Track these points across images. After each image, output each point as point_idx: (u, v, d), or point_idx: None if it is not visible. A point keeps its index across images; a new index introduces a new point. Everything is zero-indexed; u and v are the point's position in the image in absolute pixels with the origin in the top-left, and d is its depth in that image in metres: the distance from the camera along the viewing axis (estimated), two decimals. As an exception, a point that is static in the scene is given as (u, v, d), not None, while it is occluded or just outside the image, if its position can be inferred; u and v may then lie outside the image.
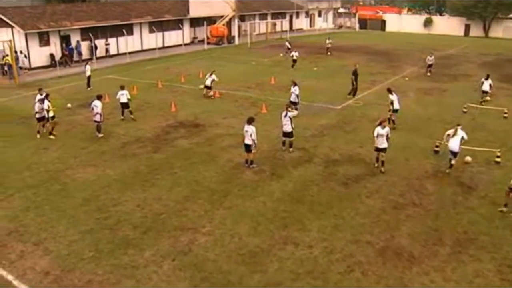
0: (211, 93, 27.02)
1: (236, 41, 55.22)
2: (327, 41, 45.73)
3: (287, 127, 17.74)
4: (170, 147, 18.81)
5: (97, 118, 19.86)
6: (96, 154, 18.10)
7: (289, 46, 41.20)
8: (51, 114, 19.74)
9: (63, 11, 40.63)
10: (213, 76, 27.02)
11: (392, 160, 17.21)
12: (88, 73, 29.19)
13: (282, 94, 27.62)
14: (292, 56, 37.54)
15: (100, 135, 20.02)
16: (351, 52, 47.34)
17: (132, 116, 22.34)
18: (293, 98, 22.98)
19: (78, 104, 25.20)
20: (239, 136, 19.21)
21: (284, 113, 17.65)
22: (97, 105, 19.68)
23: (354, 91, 27.23)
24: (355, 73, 27.22)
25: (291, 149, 17.85)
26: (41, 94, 20.01)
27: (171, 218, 13.12)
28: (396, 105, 21.06)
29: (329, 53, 44.93)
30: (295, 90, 22.92)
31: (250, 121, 16.40)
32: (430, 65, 34.67)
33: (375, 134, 16.05)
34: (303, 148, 18.69)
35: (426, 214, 13.42)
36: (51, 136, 19.73)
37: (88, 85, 29.29)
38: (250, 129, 16.19)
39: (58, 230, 12.47)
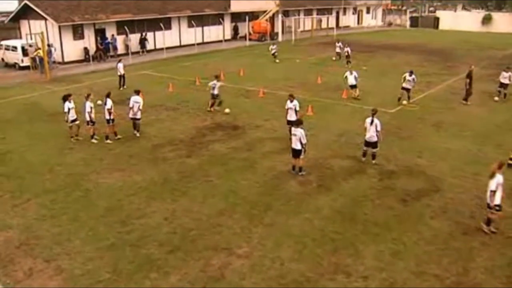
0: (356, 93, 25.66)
1: (280, 37, 54.03)
2: (271, 47, 39.62)
3: (373, 136, 16.03)
4: (205, 151, 17.70)
5: (138, 115, 19.08)
6: (123, 157, 17.14)
7: (341, 46, 39.14)
8: (107, 116, 18.45)
9: (98, 4, 40.21)
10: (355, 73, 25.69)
11: (457, 173, 15.43)
12: (121, 71, 27.87)
13: (329, 95, 26.27)
14: (346, 52, 36.61)
15: (138, 134, 19.30)
16: (402, 51, 45.52)
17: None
18: (408, 85, 23.55)
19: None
20: (282, 141, 18.25)
21: (369, 120, 16.01)
22: (138, 101, 18.91)
23: (467, 96, 24.94)
24: (469, 76, 24.76)
25: (374, 161, 16.15)
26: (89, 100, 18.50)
27: (202, 235, 11.82)
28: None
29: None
30: (412, 79, 23.41)
31: (298, 123, 15.24)
32: (505, 85, 25.54)
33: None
34: (354, 157, 17.14)
35: (506, 243, 11.52)
36: (108, 141, 18.60)
37: (121, 85, 27.97)
38: (298, 132, 14.94)
39: (74, 245, 11.32)
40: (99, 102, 23.40)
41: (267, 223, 12.39)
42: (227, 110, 22.46)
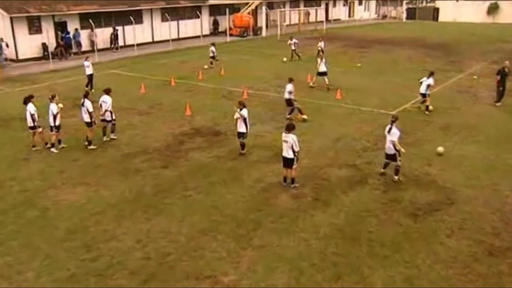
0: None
1: (264, 32, 53.95)
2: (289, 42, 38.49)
3: (390, 148, 15.36)
4: (184, 161, 17.12)
5: (107, 116, 18.83)
6: (89, 169, 16.46)
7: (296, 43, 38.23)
8: (86, 119, 18.19)
9: None
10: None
11: (473, 182, 15.00)
12: (89, 71, 27.20)
13: (322, 95, 25.83)
14: (319, 47, 35.69)
15: (115, 137, 19.26)
16: (400, 46, 45.74)
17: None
18: (423, 89, 22.73)
19: (73, 104, 23.64)
20: (271, 148, 17.88)
21: (388, 128, 15.42)
22: (106, 101, 18.76)
23: (500, 96, 24.39)
24: (502, 73, 24.05)
25: (396, 178, 15.36)
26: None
27: (182, 260, 11.14)
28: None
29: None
30: (429, 81, 22.74)
31: (290, 128, 14.70)
32: None
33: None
34: (353, 165, 16.65)
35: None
36: (53, 149, 18.09)
37: (88, 85, 27.16)
38: (290, 138, 14.46)
39: (25, 278, 10.48)
40: (60, 105, 22.86)
41: (257, 245, 11.79)
42: (304, 117, 21.75)
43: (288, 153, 14.58)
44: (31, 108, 17.76)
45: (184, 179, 15.57)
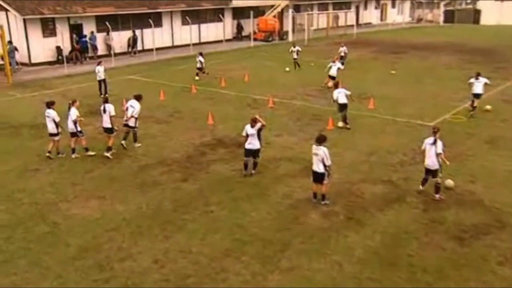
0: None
1: (290, 37, 53.92)
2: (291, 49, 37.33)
3: (433, 162, 14.96)
4: (205, 174, 17.01)
5: (131, 122, 19.18)
6: (103, 181, 16.44)
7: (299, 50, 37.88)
8: (107, 125, 18.59)
9: None
10: None
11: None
12: (101, 76, 27.59)
13: (353, 105, 25.36)
14: (340, 52, 35.93)
15: (138, 145, 19.56)
16: (438, 51, 45.49)
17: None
18: (479, 89, 22.84)
19: (87, 111, 23.87)
20: (299, 161, 17.74)
21: (430, 140, 15.09)
22: (135, 106, 19.13)
23: None
24: None
25: (437, 196, 14.96)
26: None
27: (203, 283, 10.91)
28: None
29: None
30: (482, 81, 22.84)
31: (321, 140, 14.48)
32: None
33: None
34: (389, 181, 16.30)
35: None
36: (89, 152, 18.62)
37: (101, 91, 27.60)
38: (321, 151, 14.23)
39: (35, 300, 10.32)
40: None
41: (285, 267, 11.52)
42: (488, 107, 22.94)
43: (318, 167, 14.34)
44: (54, 114, 17.98)
45: (205, 194, 15.44)
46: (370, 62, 36.75)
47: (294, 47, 36.41)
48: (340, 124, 22.02)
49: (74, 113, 18.03)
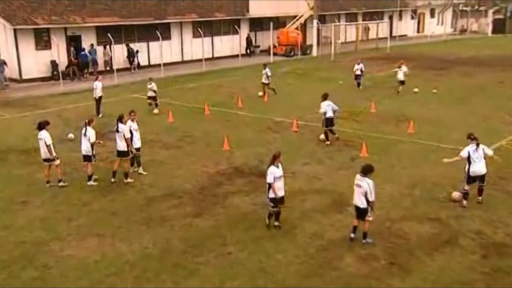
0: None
1: (314, 51, 54.40)
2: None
3: (482, 167, 16.10)
4: (221, 209, 16.87)
5: (137, 144, 19.57)
6: (103, 216, 16.37)
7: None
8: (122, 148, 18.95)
9: (72, 2, 40.48)
10: None
11: None
12: (98, 93, 28.13)
13: (390, 129, 25.35)
14: (355, 70, 36.11)
15: (145, 173, 19.84)
16: (486, 66, 45.84)
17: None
18: None
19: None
20: (328, 194, 17.62)
21: (471, 148, 16.31)
22: (135, 128, 19.44)
23: None
24: None
25: (479, 198, 16.38)
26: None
27: None
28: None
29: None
30: None
31: (367, 171, 14.40)
32: None
33: None
34: (437, 219, 15.89)
35: None
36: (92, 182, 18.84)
37: (98, 111, 28.14)
38: (365, 183, 14.08)
39: None
40: (71, 135, 23.31)
41: (318, 323, 11.18)
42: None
43: (361, 202, 14.23)
44: (47, 137, 18.08)
45: (221, 232, 15.29)
46: (408, 80, 36.49)
47: (265, 68, 34.05)
48: (322, 137, 23.45)
49: (92, 134, 18.25)
